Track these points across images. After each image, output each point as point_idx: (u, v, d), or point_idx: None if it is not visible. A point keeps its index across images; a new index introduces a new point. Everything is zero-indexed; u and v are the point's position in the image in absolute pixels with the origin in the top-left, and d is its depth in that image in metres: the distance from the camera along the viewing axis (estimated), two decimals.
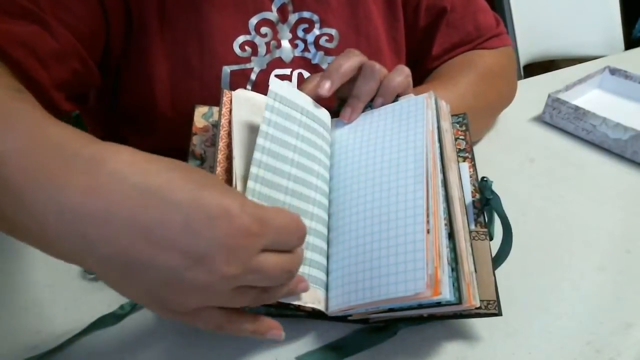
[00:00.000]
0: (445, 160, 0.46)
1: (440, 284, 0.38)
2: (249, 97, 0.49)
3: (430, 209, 0.41)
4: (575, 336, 0.45)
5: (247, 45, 0.61)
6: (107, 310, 0.46)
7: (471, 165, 0.51)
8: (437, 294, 0.37)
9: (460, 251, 0.41)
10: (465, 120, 0.53)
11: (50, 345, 0.43)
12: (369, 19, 0.66)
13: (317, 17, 0.63)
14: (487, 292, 0.43)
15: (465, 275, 0.40)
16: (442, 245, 0.40)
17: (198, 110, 0.51)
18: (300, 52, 0.64)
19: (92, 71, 0.55)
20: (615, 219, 0.59)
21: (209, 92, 0.60)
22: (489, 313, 0.43)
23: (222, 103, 0.48)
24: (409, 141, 0.47)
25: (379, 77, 0.51)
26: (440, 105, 0.50)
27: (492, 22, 0.74)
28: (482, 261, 0.44)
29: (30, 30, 0.48)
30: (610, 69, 0.84)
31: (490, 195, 0.47)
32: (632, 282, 0.51)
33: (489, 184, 0.47)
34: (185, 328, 0.45)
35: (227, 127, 0.47)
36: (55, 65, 0.50)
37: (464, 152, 0.51)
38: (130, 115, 0.63)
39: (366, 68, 0.51)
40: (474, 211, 0.48)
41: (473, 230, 0.46)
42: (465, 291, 0.39)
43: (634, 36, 1.62)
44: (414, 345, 0.44)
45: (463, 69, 0.68)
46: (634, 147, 0.67)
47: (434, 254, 0.39)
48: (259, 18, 0.61)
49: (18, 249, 0.53)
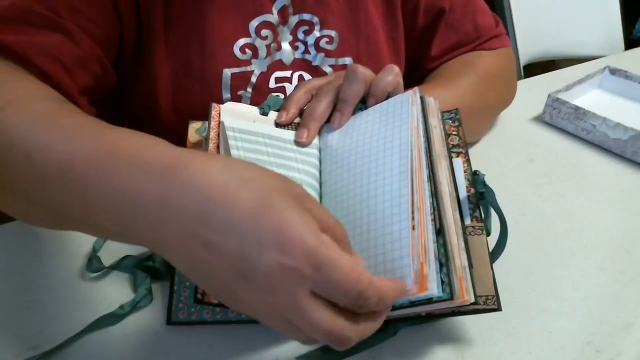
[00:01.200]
0: (433, 156, 0.45)
1: (427, 279, 0.37)
2: (237, 110, 0.50)
3: (415, 204, 0.41)
4: (575, 336, 0.45)
5: (248, 47, 0.61)
6: (107, 310, 0.46)
7: (465, 161, 0.50)
8: (423, 289, 0.37)
9: (451, 246, 0.40)
10: (457, 116, 0.53)
11: (50, 344, 0.43)
12: (368, 21, 0.66)
13: (317, 19, 0.64)
14: (486, 288, 0.43)
15: (457, 270, 0.39)
16: (428, 240, 0.39)
17: (192, 126, 0.52)
18: (301, 54, 0.64)
19: (110, 74, 0.57)
20: (615, 219, 0.59)
21: (209, 95, 0.60)
22: (488, 309, 0.42)
23: (210, 116, 0.48)
24: (395, 138, 0.46)
25: (363, 78, 0.50)
26: (428, 102, 0.50)
27: (491, 23, 0.74)
28: (479, 256, 0.44)
29: (54, 40, 0.49)
30: (610, 69, 0.84)
31: (482, 189, 0.46)
32: (632, 282, 0.51)
33: (481, 177, 0.47)
34: (186, 327, 0.45)
35: (216, 140, 0.47)
36: (79, 72, 0.51)
37: (458, 147, 0.51)
38: (132, 116, 0.63)
39: (348, 72, 0.51)
40: (470, 206, 0.47)
41: (469, 226, 0.46)
42: (457, 286, 0.39)
43: (634, 36, 1.62)
44: (413, 345, 0.44)
45: (462, 69, 0.68)
46: (634, 147, 0.67)
47: (419, 250, 0.38)
48: (260, 20, 0.61)
49: (18, 249, 0.53)
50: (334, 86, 0.52)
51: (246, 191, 0.31)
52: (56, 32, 0.49)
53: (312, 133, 0.51)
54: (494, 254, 0.46)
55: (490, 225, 0.48)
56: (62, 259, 0.52)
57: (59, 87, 0.48)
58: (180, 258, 0.33)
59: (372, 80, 0.51)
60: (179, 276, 0.45)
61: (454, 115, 0.53)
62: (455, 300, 0.39)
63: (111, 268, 0.50)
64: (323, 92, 0.52)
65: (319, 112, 0.51)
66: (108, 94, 0.62)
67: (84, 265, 0.51)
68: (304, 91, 0.53)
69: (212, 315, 0.44)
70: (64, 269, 0.51)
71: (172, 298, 0.45)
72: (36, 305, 0.47)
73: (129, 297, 0.47)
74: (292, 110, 0.52)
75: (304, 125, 0.51)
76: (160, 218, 0.32)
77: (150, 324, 0.46)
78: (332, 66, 0.66)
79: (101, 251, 0.52)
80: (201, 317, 0.44)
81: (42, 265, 0.51)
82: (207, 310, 0.44)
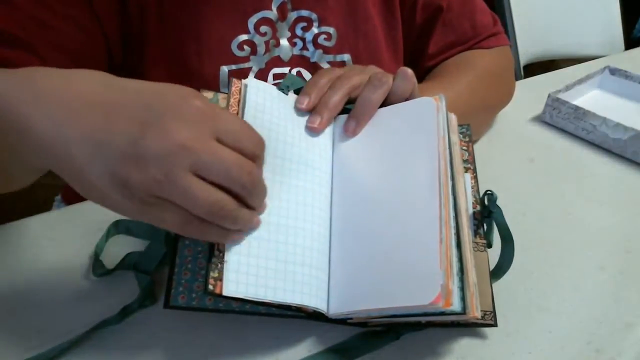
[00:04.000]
0: (454, 172, 0.45)
1: (452, 294, 0.37)
2: (262, 87, 0.48)
3: (442, 218, 0.40)
4: (575, 336, 0.45)
5: (246, 44, 0.61)
6: (108, 310, 0.46)
7: (473, 177, 0.50)
8: (449, 304, 0.37)
9: (466, 262, 0.41)
10: (468, 132, 0.52)
11: (50, 345, 0.43)
12: (367, 18, 0.66)
13: (315, 15, 0.64)
14: (485, 303, 0.43)
15: (470, 286, 0.40)
16: (452, 255, 0.39)
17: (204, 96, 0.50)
18: (299, 50, 0.64)
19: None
20: (615, 219, 0.59)
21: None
22: (485, 324, 0.43)
23: (230, 92, 0.47)
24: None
25: (387, 89, 0.49)
26: (450, 118, 0.49)
27: (489, 21, 0.74)
28: (480, 272, 0.44)
29: (15, 55, 0.50)
30: (610, 69, 0.84)
31: (495, 209, 0.46)
32: (632, 282, 0.51)
33: (494, 198, 0.46)
34: (186, 327, 0.45)
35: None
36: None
37: (467, 162, 0.51)
38: None
39: (373, 79, 0.49)
40: (474, 222, 0.48)
41: (473, 242, 0.46)
42: (469, 302, 0.39)
43: (634, 36, 1.62)
44: (413, 345, 0.44)
45: (460, 68, 0.68)
46: (634, 147, 0.67)
47: (446, 264, 0.38)
48: (259, 17, 0.61)
49: (18, 249, 0.53)
50: (350, 80, 0.50)
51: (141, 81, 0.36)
52: (18, 49, 0.50)
53: (325, 121, 0.49)
54: (499, 272, 0.46)
55: (492, 239, 0.48)
56: (63, 258, 0.52)
57: None
58: (76, 137, 0.34)
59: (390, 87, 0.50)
60: (180, 258, 0.43)
61: (465, 130, 0.52)
62: (467, 315, 0.39)
63: (115, 269, 0.50)
64: (339, 84, 0.50)
65: (333, 103, 0.49)
66: None
67: (85, 264, 0.51)
68: (327, 79, 0.51)
69: (214, 302, 0.42)
70: (64, 269, 0.51)
71: (172, 280, 0.42)
72: (36, 305, 0.47)
73: (130, 298, 0.47)
74: (313, 97, 0.50)
75: (318, 112, 0.49)
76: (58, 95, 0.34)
77: (152, 324, 0.46)
78: (330, 63, 0.66)
79: (102, 253, 0.52)
80: (203, 303, 0.42)
81: (42, 265, 0.51)
82: (209, 296, 0.42)
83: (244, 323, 0.45)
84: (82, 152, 0.33)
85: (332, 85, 0.50)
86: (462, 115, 0.55)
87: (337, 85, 0.50)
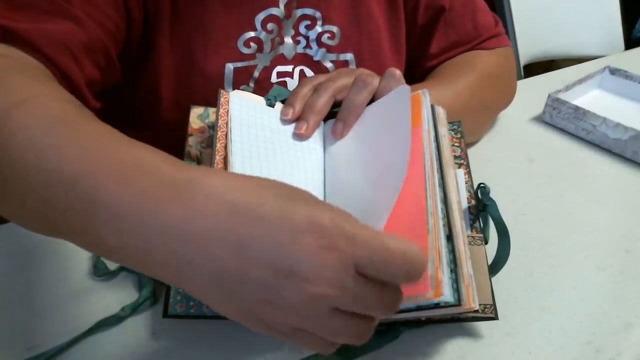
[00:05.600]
0: (443, 164, 0.45)
1: (441, 284, 0.38)
2: (246, 98, 0.50)
3: (429, 209, 0.41)
4: (575, 336, 0.45)
5: (253, 42, 0.61)
6: (108, 311, 0.46)
7: (466, 172, 0.51)
8: (438, 294, 0.37)
9: (459, 253, 0.41)
10: (460, 128, 0.53)
11: (50, 345, 0.43)
12: (370, 17, 0.66)
13: (319, 14, 0.64)
14: (484, 296, 0.43)
15: (464, 277, 0.40)
16: (441, 246, 0.40)
17: (193, 111, 0.51)
18: (302, 48, 0.64)
19: (114, 68, 0.56)
20: (615, 219, 0.59)
21: (212, 89, 0.60)
22: (486, 317, 0.43)
23: (219, 104, 0.48)
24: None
25: (372, 89, 0.50)
26: (438, 111, 0.50)
27: (490, 22, 0.74)
28: (478, 266, 0.44)
29: (64, 28, 0.49)
30: (610, 69, 0.84)
31: (488, 202, 0.47)
32: (632, 282, 0.51)
33: (487, 190, 0.47)
34: (186, 327, 0.45)
35: (224, 129, 0.47)
36: (87, 62, 0.51)
37: (459, 158, 0.51)
38: (132, 111, 0.63)
39: (357, 80, 0.51)
40: (470, 217, 0.48)
41: (469, 236, 0.46)
42: (465, 293, 0.39)
43: (634, 36, 1.62)
44: (413, 345, 0.44)
45: (461, 68, 0.68)
46: (634, 147, 0.67)
47: (434, 255, 0.39)
48: (266, 14, 0.61)
49: (19, 249, 0.53)
50: (335, 82, 0.52)
51: (268, 189, 0.31)
52: (66, 20, 0.49)
53: (312, 126, 0.51)
54: (496, 266, 0.47)
55: (488, 235, 0.48)
56: (63, 258, 0.52)
57: (67, 77, 0.49)
58: (204, 275, 0.31)
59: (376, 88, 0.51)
60: None
61: (456, 127, 0.53)
62: (462, 307, 0.39)
63: (117, 270, 0.50)
64: (323, 87, 0.52)
65: (319, 106, 0.51)
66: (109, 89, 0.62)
67: (85, 265, 0.51)
68: (309, 87, 0.53)
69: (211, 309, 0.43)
70: (64, 269, 0.51)
71: (170, 290, 0.43)
72: (36, 305, 0.47)
73: (131, 299, 0.47)
74: (297, 107, 0.52)
75: (304, 118, 0.51)
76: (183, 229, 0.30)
77: (151, 325, 0.46)
78: (334, 62, 0.66)
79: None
80: (200, 311, 0.43)
81: (42, 266, 0.51)
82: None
83: None
84: (214, 288, 0.31)
85: (316, 90, 0.52)
86: (461, 116, 0.55)
87: (321, 89, 0.52)
